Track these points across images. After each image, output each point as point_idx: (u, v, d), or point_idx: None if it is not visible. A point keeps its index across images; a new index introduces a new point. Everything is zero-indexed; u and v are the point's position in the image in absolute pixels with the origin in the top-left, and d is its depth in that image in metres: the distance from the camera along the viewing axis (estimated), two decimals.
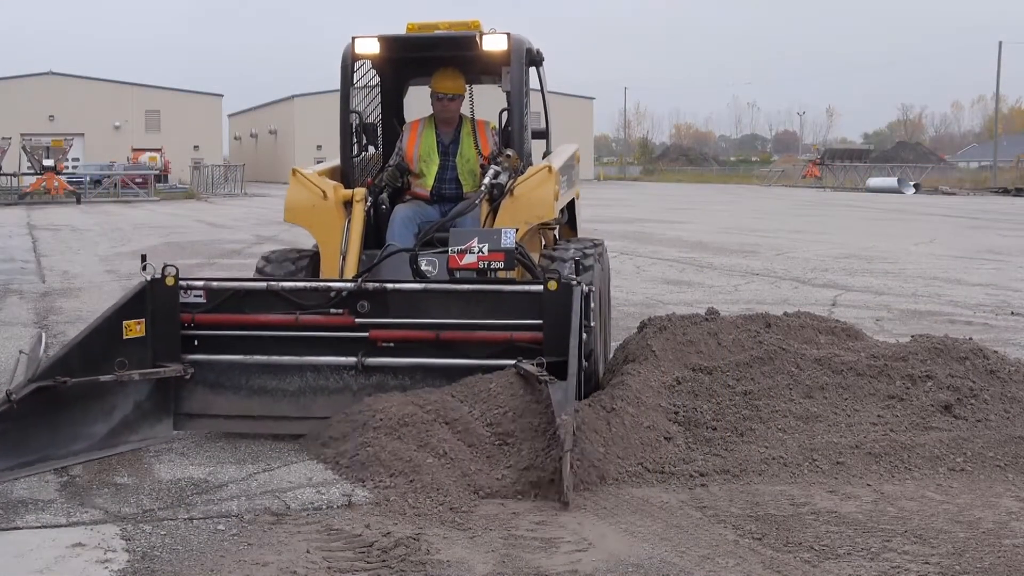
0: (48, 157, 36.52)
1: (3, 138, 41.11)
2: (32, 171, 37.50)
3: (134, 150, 53.12)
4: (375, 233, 6.41)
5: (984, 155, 71.26)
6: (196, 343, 5.23)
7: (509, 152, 6.32)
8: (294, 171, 6.35)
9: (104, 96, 62.03)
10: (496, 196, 6.12)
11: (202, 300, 5.25)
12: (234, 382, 5.23)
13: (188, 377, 5.15)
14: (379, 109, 7.23)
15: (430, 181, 6.65)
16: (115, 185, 40.22)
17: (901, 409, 4.99)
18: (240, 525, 3.99)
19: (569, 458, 4.09)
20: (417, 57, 6.84)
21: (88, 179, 40.10)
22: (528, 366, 4.80)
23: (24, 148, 38.92)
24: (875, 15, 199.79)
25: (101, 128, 60.71)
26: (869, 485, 4.35)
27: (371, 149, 7.00)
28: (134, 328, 5.05)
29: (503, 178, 6.17)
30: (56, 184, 35.47)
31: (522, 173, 6.25)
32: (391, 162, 6.83)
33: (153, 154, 50.03)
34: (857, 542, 3.74)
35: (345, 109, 6.67)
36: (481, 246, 5.23)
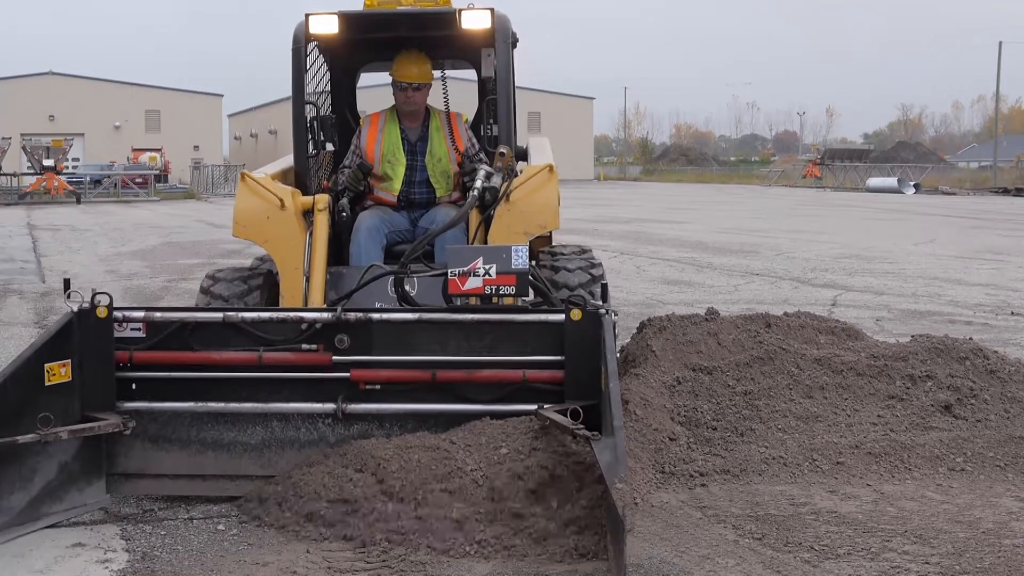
0: (48, 157, 36.54)
1: (3, 138, 41.13)
2: (32, 171, 37.53)
3: (134, 150, 53.16)
4: (335, 246, 5.61)
5: (984, 155, 71.31)
6: (134, 387, 4.28)
7: (502, 149, 5.48)
8: (243, 176, 5.46)
9: (104, 96, 62.03)
10: (489, 202, 5.29)
11: (141, 334, 4.29)
12: (182, 435, 4.27)
13: (128, 432, 4.15)
14: (327, 100, 6.38)
15: (397, 184, 5.86)
16: (115, 185, 40.27)
17: (901, 409, 4.99)
18: (240, 525, 3.99)
19: (629, 540, 3.20)
20: (376, 38, 6.03)
21: (88, 179, 40.17)
22: (555, 415, 3.87)
23: (24, 148, 38.96)
24: (875, 15, 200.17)
25: (101, 128, 60.73)
26: (869, 485, 4.35)
27: (329, 147, 6.09)
28: (58, 372, 4.07)
29: (496, 180, 5.33)
30: (56, 184, 35.50)
31: (517, 174, 5.53)
32: (347, 162, 5.99)
33: (153, 154, 50.07)
34: (857, 542, 3.74)
35: (299, 99, 5.76)
36: (488, 267, 4.31)
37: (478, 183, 5.30)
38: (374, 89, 7.84)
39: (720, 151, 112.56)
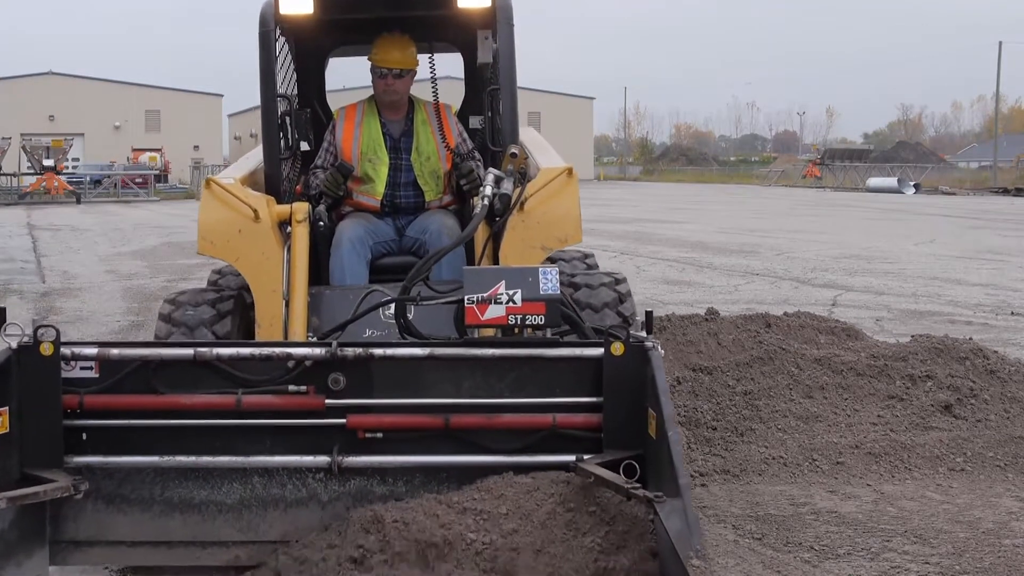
0: (48, 157, 36.60)
1: (3, 138, 41.18)
2: (32, 171, 37.58)
3: (134, 150, 53.22)
4: (311, 260, 4.84)
5: (984, 155, 71.33)
6: (85, 438, 3.54)
7: (514, 149, 4.68)
8: (208, 182, 4.68)
9: (104, 96, 62.12)
10: (500, 211, 4.54)
11: (94, 374, 3.56)
12: (143, 494, 3.56)
13: (78, 495, 3.41)
14: (294, 92, 5.61)
15: (380, 187, 5.14)
16: (115, 185, 40.32)
17: (901, 409, 5.00)
18: None
19: None
20: (352, 19, 5.36)
21: (88, 179, 40.23)
22: (602, 470, 3.18)
23: (24, 148, 38.99)
24: (875, 15, 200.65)
25: (101, 128, 60.80)
26: (869, 485, 4.35)
27: (303, 146, 5.36)
28: None
29: (507, 185, 4.56)
30: (56, 184, 35.55)
31: (530, 178, 4.78)
32: (319, 161, 5.29)
33: (153, 154, 50.12)
34: (857, 542, 3.74)
35: (269, 91, 4.98)
36: (512, 293, 3.59)
37: (487, 189, 4.51)
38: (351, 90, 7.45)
39: (720, 151, 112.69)
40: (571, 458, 3.35)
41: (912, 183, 44.77)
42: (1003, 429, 4.82)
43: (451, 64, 6.21)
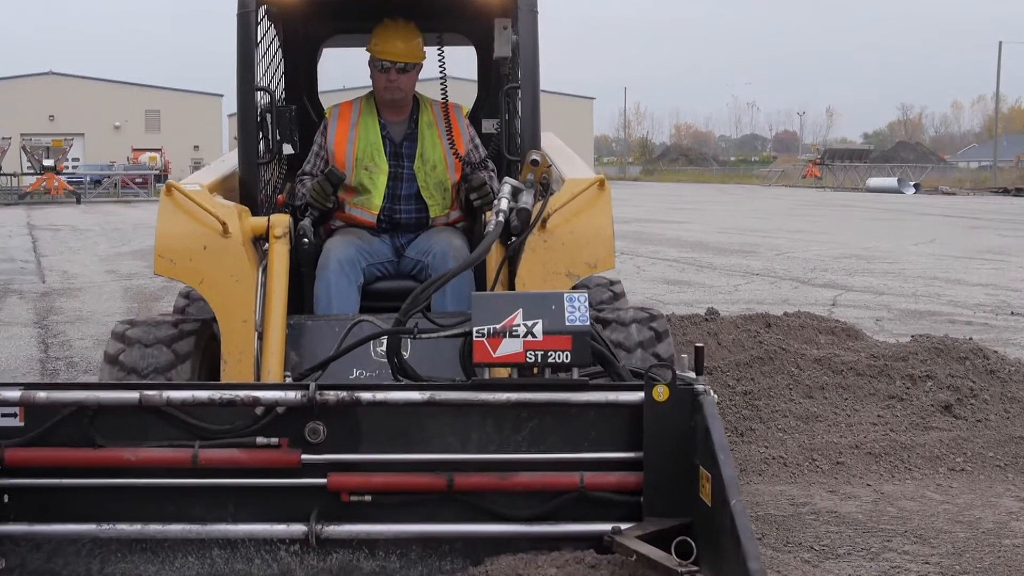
0: (48, 157, 36.59)
1: (3, 138, 41.21)
2: (32, 171, 37.59)
3: (134, 150, 53.25)
4: (293, 284, 4.08)
5: (984, 155, 71.39)
6: (6, 500, 2.94)
7: (535, 156, 3.95)
8: (169, 187, 3.94)
9: (104, 96, 62.22)
10: (518, 229, 3.79)
11: (18, 423, 2.92)
12: (77, 570, 2.93)
13: None
14: (280, 86, 4.92)
15: (377, 199, 4.44)
16: (115, 185, 40.32)
17: (901, 409, 5.00)
18: None
19: None
20: (348, 3, 4.74)
21: (88, 179, 40.22)
22: (645, 546, 2.61)
23: (24, 148, 39.02)
24: (875, 15, 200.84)
25: (101, 128, 60.88)
26: (869, 485, 4.36)
27: (287, 148, 4.49)
28: None
29: (526, 199, 3.83)
30: (56, 184, 35.54)
31: (554, 190, 4.02)
32: (308, 167, 4.58)
33: (153, 154, 50.09)
34: (857, 542, 3.74)
35: (247, 83, 4.25)
36: (530, 324, 2.90)
37: (503, 203, 3.78)
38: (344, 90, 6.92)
39: (720, 151, 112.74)
40: (605, 528, 2.77)
41: (912, 183, 44.76)
42: (1003, 429, 4.82)
43: (460, 62, 5.56)
